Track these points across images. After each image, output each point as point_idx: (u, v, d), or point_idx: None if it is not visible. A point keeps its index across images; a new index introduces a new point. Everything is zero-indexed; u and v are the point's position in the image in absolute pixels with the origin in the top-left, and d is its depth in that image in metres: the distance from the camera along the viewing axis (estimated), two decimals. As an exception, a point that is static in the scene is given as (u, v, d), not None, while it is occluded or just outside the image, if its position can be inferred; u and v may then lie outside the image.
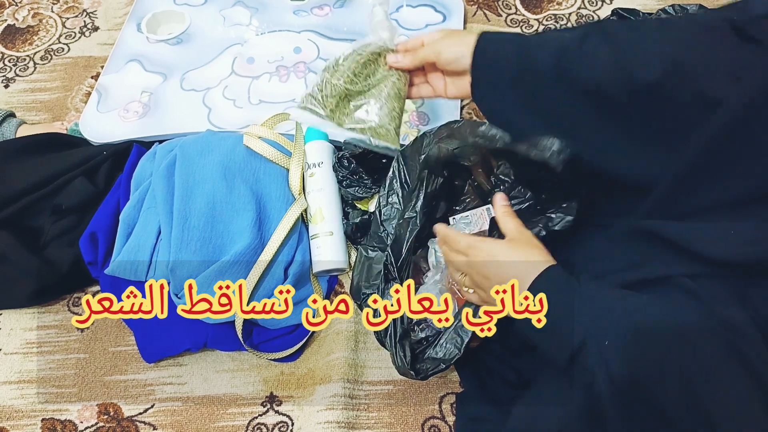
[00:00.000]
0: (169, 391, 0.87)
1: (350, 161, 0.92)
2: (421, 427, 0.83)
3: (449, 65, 0.72)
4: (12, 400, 0.87)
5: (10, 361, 0.90)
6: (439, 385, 0.85)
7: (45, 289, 0.91)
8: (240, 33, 1.17)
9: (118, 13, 1.28)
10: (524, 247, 0.64)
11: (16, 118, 1.07)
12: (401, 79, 0.77)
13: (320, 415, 0.81)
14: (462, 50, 0.70)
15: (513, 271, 0.62)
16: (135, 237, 0.88)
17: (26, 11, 1.30)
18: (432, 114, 1.05)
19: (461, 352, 0.73)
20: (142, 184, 0.93)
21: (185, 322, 0.86)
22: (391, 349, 0.79)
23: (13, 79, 1.20)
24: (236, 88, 1.09)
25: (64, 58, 1.22)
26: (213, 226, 0.87)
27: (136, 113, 1.07)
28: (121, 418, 0.85)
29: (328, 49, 1.14)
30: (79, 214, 0.93)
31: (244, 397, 0.86)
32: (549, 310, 0.58)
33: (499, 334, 0.69)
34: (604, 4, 1.24)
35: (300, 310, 0.89)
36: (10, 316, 0.94)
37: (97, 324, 0.92)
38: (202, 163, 0.90)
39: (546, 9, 1.24)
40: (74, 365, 0.89)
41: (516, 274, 0.61)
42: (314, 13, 1.20)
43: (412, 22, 1.18)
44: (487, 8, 1.25)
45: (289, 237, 0.88)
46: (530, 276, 0.60)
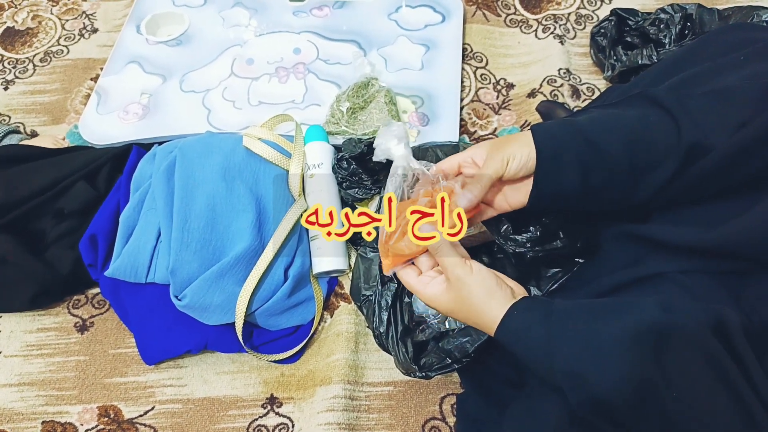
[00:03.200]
0: (169, 393, 0.87)
1: (350, 162, 0.92)
2: (422, 428, 0.83)
3: (518, 175, 0.63)
4: (12, 402, 0.87)
5: (11, 363, 0.90)
6: (439, 386, 0.85)
7: (46, 291, 0.91)
8: (239, 34, 1.17)
9: (118, 15, 1.28)
10: (468, 308, 0.60)
11: (19, 134, 1.07)
12: (390, 90, 1.05)
13: (321, 417, 0.81)
14: (525, 150, 0.62)
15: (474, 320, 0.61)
16: (135, 239, 0.88)
17: (26, 13, 1.30)
18: (431, 115, 1.05)
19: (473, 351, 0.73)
20: (141, 185, 0.93)
21: (185, 324, 0.86)
22: (393, 348, 0.79)
23: (13, 81, 1.20)
24: (236, 89, 1.09)
25: (63, 60, 1.22)
26: (213, 228, 0.87)
27: (136, 115, 1.07)
28: (121, 421, 0.85)
29: (327, 50, 1.14)
30: (81, 218, 0.93)
31: (244, 398, 0.86)
32: (523, 353, 0.57)
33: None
34: (603, 4, 1.24)
35: (299, 313, 0.90)
36: (10, 318, 0.94)
37: (97, 326, 0.92)
38: (201, 164, 0.90)
39: (545, 9, 1.24)
40: (74, 367, 0.89)
41: (477, 322, 0.60)
42: (313, 14, 1.20)
43: (411, 22, 1.18)
44: (486, 8, 1.25)
45: (289, 238, 0.88)
46: (491, 325, 0.58)
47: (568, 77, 1.12)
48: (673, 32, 1.03)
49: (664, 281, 0.63)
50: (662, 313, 0.52)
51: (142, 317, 0.87)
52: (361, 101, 1.02)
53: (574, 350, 0.53)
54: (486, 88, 1.14)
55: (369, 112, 1.01)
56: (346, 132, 1.01)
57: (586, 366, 0.52)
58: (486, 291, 0.59)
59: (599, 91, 1.11)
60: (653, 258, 0.65)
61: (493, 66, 1.17)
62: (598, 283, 0.68)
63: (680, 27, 1.03)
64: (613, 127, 0.62)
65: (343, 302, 0.92)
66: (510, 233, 0.71)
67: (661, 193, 0.62)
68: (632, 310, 0.54)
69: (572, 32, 1.20)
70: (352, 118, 1.01)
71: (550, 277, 0.75)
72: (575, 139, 0.62)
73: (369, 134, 0.99)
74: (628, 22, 1.09)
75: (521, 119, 1.09)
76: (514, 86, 1.14)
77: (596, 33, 1.13)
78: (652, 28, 1.05)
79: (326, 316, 0.92)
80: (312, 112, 1.06)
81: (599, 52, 1.12)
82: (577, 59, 1.16)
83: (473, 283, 0.59)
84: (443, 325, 0.76)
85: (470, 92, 1.13)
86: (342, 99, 1.03)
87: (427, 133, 1.03)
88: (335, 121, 1.02)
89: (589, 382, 0.52)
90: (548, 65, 1.14)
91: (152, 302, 0.87)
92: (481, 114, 1.10)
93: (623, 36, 1.10)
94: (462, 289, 0.59)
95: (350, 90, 1.04)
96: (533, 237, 0.71)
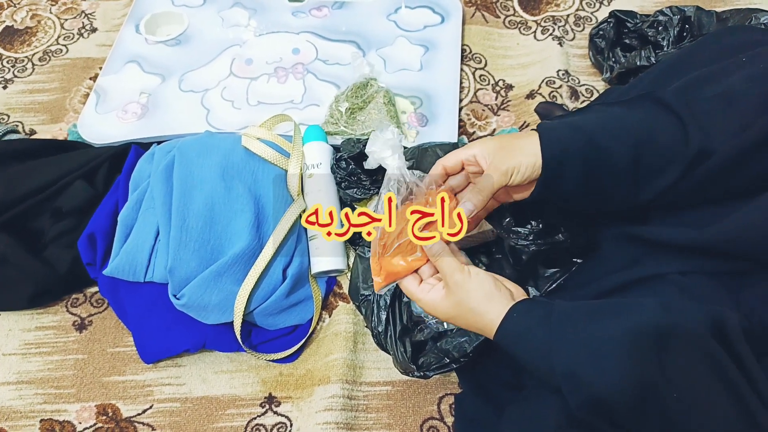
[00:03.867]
0: (167, 391, 0.87)
1: (348, 162, 0.92)
2: (420, 428, 0.83)
3: (522, 183, 0.62)
4: (10, 400, 0.87)
5: (9, 361, 0.90)
6: (437, 386, 0.85)
7: (44, 290, 0.91)
8: (238, 34, 1.17)
9: (117, 15, 1.28)
10: (467, 312, 0.60)
11: (17, 133, 1.07)
12: (389, 91, 1.05)
13: (319, 416, 0.81)
14: (530, 161, 0.61)
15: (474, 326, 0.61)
16: (133, 238, 0.88)
17: (25, 12, 1.30)
18: (430, 115, 1.05)
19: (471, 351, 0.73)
20: (140, 185, 0.93)
21: (184, 323, 0.86)
22: (391, 348, 0.79)
23: (12, 80, 1.20)
24: (235, 89, 1.09)
25: (62, 60, 1.22)
26: (211, 227, 0.87)
27: (135, 114, 1.07)
28: (119, 419, 0.85)
29: (326, 50, 1.14)
30: (79, 216, 0.93)
31: (242, 397, 0.86)
32: (522, 355, 0.57)
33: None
34: (602, 6, 1.24)
35: (298, 312, 0.90)
36: (9, 317, 0.94)
37: (96, 325, 0.92)
38: (200, 164, 0.90)
39: (544, 10, 1.24)
40: (73, 366, 0.89)
41: (477, 326, 0.60)
42: (312, 14, 1.20)
43: (410, 23, 1.18)
44: (485, 9, 1.25)
45: (287, 238, 0.88)
46: (491, 327, 0.59)
47: (567, 79, 1.12)
48: (671, 34, 1.03)
49: (663, 282, 0.63)
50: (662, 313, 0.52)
51: (141, 316, 0.87)
52: (360, 102, 1.03)
53: (574, 351, 0.53)
54: (485, 89, 1.14)
55: (368, 112, 1.02)
56: (345, 132, 1.01)
57: (586, 367, 0.52)
58: (484, 294, 0.59)
59: (598, 92, 1.11)
60: (652, 259, 0.66)
61: (492, 67, 1.17)
62: (597, 283, 0.68)
63: (679, 29, 1.04)
64: (621, 132, 0.62)
65: (342, 302, 0.92)
66: (512, 225, 0.71)
67: (664, 196, 0.62)
68: (632, 311, 0.54)
69: (571, 34, 1.20)
70: (351, 118, 1.02)
71: (548, 278, 0.75)
72: (584, 148, 0.61)
73: (367, 134, 1.00)
74: (626, 24, 1.10)
75: (520, 120, 1.09)
76: (512, 87, 1.14)
77: (595, 35, 1.13)
78: (651, 30, 1.05)
79: (325, 315, 0.92)
80: (311, 112, 1.06)
81: (598, 54, 1.13)
82: (575, 61, 1.16)
83: (471, 287, 0.59)
84: (441, 325, 0.76)
85: (469, 93, 1.13)
86: (341, 99, 1.03)
87: (425, 134, 1.03)
88: (334, 121, 1.02)
89: (589, 383, 0.52)
90: (547, 66, 1.14)
91: (150, 301, 0.87)
92: (480, 115, 1.10)
93: (622, 38, 1.10)
94: (460, 293, 0.59)
95: (349, 90, 1.04)
96: (536, 229, 0.71)
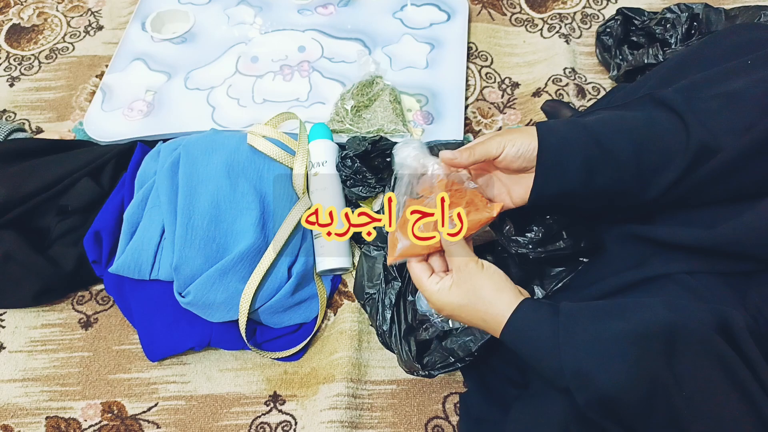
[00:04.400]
0: (172, 389, 0.87)
1: (354, 161, 0.92)
2: (425, 427, 0.83)
3: (515, 162, 0.62)
4: (16, 398, 0.87)
5: (15, 359, 0.90)
6: (442, 385, 0.85)
7: (50, 288, 0.91)
8: (244, 32, 1.17)
9: (123, 12, 1.28)
10: (475, 303, 0.60)
11: (24, 131, 1.07)
12: (395, 89, 1.06)
13: (323, 415, 0.81)
14: (527, 139, 0.61)
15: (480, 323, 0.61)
16: (139, 236, 0.88)
17: (31, 10, 1.30)
18: (436, 113, 1.05)
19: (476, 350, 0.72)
20: (146, 182, 0.93)
21: (189, 321, 0.86)
22: (396, 346, 0.79)
23: (18, 78, 1.20)
24: (240, 86, 1.09)
25: (68, 57, 1.22)
26: (217, 225, 0.87)
27: (141, 112, 1.07)
28: (124, 417, 0.85)
29: (332, 48, 1.14)
30: (85, 214, 0.94)
31: (247, 396, 0.86)
32: (529, 352, 0.57)
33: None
34: (609, 4, 1.24)
35: (303, 310, 0.90)
36: (15, 314, 0.94)
37: (101, 322, 0.92)
38: (206, 162, 0.90)
39: (551, 8, 1.24)
40: (78, 363, 0.89)
41: (484, 318, 0.60)
42: (318, 11, 1.20)
43: (416, 20, 1.18)
44: (491, 7, 1.24)
45: (292, 236, 0.88)
46: (500, 320, 0.59)
47: (574, 76, 1.11)
48: (679, 32, 1.03)
49: (670, 282, 0.63)
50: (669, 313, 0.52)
51: (146, 314, 0.87)
52: (366, 99, 1.03)
53: (582, 349, 0.53)
54: (491, 86, 1.13)
55: (373, 110, 1.02)
56: (351, 130, 1.01)
57: (595, 365, 0.52)
58: (496, 285, 0.59)
59: (605, 90, 1.11)
60: (658, 259, 0.65)
61: (498, 65, 1.16)
62: (604, 283, 0.68)
63: (687, 27, 1.03)
64: (620, 127, 0.62)
65: (347, 300, 0.92)
66: (512, 234, 0.71)
67: (668, 193, 0.61)
68: (640, 310, 0.54)
69: (578, 31, 1.20)
70: (357, 116, 1.02)
71: (554, 276, 0.75)
72: (581, 138, 0.61)
73: (373, 132, 1.00)
74: (634, 21, 1.09)
75: (526, 118, 1.09)
76: (519, 85, 1.13)
77: (602, 32, 1.13)
78: (659, 27, 1.05)
79: (330, 314, 0.92)
80: (316, 110, 1.06)
81: (605, 52, 1.12)
82: (582, 58, 1.16)
83: (484, 275, 0.59)
84: (447, 323, 0.76)
85: (475, 91, 1.13)
86: (346, 97, 1.03)
87: (431, 132, 1.02)
88: (339, 119, 1.02)
89: (598, 382, 0.52)
90: (553, 64, 1.13)
91: (156, 299, 0.87)
92: (486, 113, 1.10)
93: (629, 35, 1.10)
94: (473, 280, 0.59)
95: (355, 88, 1.04)
96: (535, 238, 0.71)
